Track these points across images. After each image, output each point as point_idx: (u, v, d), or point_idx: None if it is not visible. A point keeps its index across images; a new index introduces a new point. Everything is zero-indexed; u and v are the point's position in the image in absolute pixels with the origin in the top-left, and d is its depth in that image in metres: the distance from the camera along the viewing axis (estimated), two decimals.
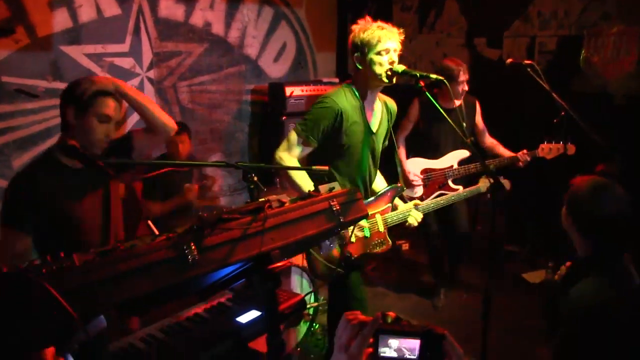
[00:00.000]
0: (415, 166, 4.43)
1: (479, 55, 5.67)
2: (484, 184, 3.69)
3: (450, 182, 4.40)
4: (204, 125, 5.53)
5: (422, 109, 4.44)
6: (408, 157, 4.49)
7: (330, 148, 2.83)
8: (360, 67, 2.80)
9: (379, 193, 3.05)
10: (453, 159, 4.40)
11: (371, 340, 1.03)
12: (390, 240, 2.98)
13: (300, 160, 2.87)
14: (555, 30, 5.16)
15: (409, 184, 4.40)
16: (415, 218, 3.02)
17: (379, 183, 3.23)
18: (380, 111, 3.00)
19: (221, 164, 1.98)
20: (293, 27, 6.22)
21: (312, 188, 2.50)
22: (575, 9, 5.02)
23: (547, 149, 4.19)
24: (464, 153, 4.40)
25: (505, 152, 4.41)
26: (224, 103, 5.67)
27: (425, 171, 4.43)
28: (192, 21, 5.26)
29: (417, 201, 3.11)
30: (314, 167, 2.23)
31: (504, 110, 5.31)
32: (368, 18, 2.84)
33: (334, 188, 1.94)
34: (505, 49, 5.48)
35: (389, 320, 1.07)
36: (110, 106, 2.32)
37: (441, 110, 2.69)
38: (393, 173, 3.42)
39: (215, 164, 2.44)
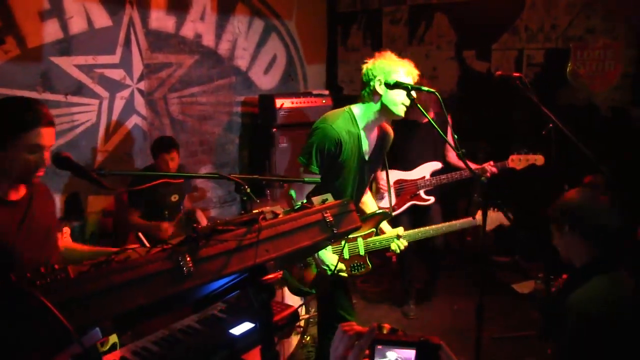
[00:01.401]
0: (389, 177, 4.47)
1: (468, 67, 5.73)
2: (480, 216, 3.71)
3: (421, 193, 4.43)
4: (194, 136, 5.53)
5: (396, 122, 4.48)
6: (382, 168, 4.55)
7: (326, 171, 2.81)
8: (374, 98, 2.79)
9: (364, 217, 3.06)
10: (425, 170, 4.45)
11: (367, 351, 1.04)
12: (370, 264, 3.00)
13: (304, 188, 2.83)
14: (543, 43, 5.24)
15: (379, 193, 4.45)
16: (398, 245, 3.03)
17: (370, 204, 3.25)
18: (376, 137, 2.99)
19: (214, 175, 1.98)
20: (283, 39, 6.25)
21: None
22: (562, 23, 5.11)
23: (517, 160, 4.23)
24: (436, 165, 4.45)
25: (471, 165, 4.41)
26: (214, 115, 5.68)
27: (398, 182, 4.47)
28: (182, 33, 5.28)
29: (401, 229, 3.10)
30: (306, 179, 2.24)
31: (493, 122, 5.37)
32: (389, 52, 2.82)
33: (327, 199, 1.95)
34: (493, 61, 5.55)
35: (384, 331, 1.08)
36: (42, 135, 2.07)
37: (432, 122, 2.71)
38: None
39: (208, 176, 2.41)
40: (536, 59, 5.30)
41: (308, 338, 3.91)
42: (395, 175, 4.47)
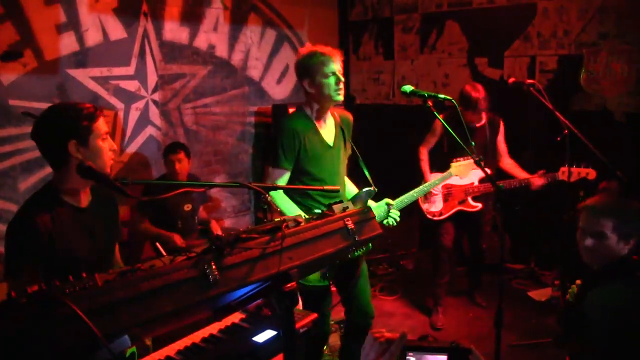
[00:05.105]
0: None
1: (481, 74, 5.72)
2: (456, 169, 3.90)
3: (469, 199, 4.42)
4: (208, 146, 5.56)
5: (448, 125, 4.44)
6: (431, 171, 4.52)
7: (296, 168, 2.99)
8: (311, 91, 2.98)
9: (351, 199, 3.08)
10: (474, 176, 4.39)
11: None
12: (370, 244, 3.03)
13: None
14: (556, 49, 5.23)
15: (429, 197, 4.44)
16: (394, 218, 3.12)
17: (351, 190, 3.35)
18: (334, 125, 3.16)
19: (234, 184, 2.00)
20: (295, 48, 6.28)
21: (297, 212, 2.73)
22: (575, 29, 5.10)
23: (568, 173, 4.05)
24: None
25: (521, 174, 4.40)
26: (228, 125, 5.71)
27: (446, 187, 4.45)
28: (196, 44, 5.32)
29: (389, 200, 3.16)
30: (326, 187, 2.26)
31: (507, 130, 5.35)
32: (308, 44, 3.07)
33: (347, 207, 1.96)
34: (506, 68, 5.55)
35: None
36: (104, 124, 2.27)
37: (450, 130, 2.73)
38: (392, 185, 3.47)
39: (228, 185, 2.42)
40: (549, 65, 5.29)
41: (326, 348, 3.90)
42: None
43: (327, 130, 3.11)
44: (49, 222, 2.12)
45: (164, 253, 1.76)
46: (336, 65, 2.94)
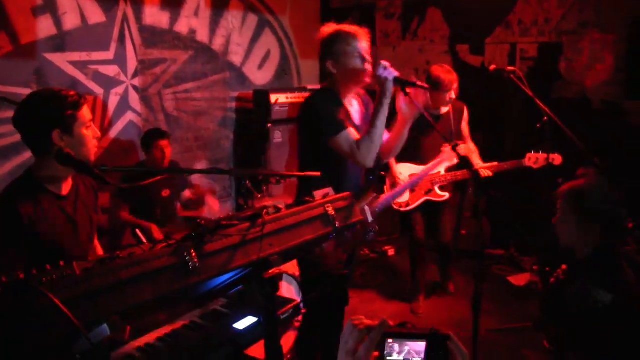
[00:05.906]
0: (403, 171, 4.36)
1: (462, 61, 5.74)
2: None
3: (436, 189, 4.36)
4: (189, 132, 5.52)
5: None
6: (396, 162, 4.42)
7: (322, 147, 2.75)
8: (334, 72, 2.80)
9: (363, 190, 3.05)
10: (440, 165, 4.33)
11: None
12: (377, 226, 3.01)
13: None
14: (536, 37, 5.26)
15: (394, 188, 4.41)
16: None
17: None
18: (359, 104, 3.01)
19: (215, 170, 1.99)
20: (277, 34, 6.25)
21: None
22: (555, 17, 5.13)
23: (535, 159, 4.15)
24: (451, 160, 4.35)
25: (477, 162, 4.35)
26: (209, 110, 5.67)
27: (412, 177, 4.36)
28: (176, 28, 5.26)
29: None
30: (306, 174, 2.24)
31: (488, 116, 5.39)
32: (331, 24, 2.86)
33: (328, 194, 1.97)
34: (487, 55, 5.57)
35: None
36: (88, 112, 2.22)
37: (430, 119, 2.72)
38: None
39: (209, 171, 2.41)
40: (529, 52, 5.33)
41: None
42: (409, 169, 4.37)
43: (354, 110, 2.93)
44: (31, 209, 2.09)
45: (144, 240, 1.74)
46: (362, 45, 2.75)
